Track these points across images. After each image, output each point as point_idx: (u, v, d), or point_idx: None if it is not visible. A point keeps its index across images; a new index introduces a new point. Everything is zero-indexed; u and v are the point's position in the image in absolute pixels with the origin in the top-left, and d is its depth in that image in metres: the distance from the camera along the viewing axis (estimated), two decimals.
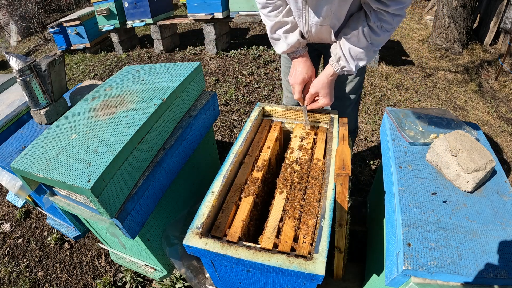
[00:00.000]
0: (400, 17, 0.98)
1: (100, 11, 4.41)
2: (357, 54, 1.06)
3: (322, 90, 1.15)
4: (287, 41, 1.17)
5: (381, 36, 1.02)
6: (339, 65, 1.09)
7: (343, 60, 1.08)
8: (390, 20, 0.97)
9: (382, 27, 1.00)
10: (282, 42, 1.18)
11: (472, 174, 0.89)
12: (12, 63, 1.33)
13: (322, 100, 1.17)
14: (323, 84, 1.14)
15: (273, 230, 0.84)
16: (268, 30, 1.19)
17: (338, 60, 1.09)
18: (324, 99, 1.17)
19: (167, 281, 1.54)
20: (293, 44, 1.16)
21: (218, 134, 2.78)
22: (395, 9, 0.93)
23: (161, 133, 1.17)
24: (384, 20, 0.98)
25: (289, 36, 1.16)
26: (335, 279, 1.28)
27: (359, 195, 2.06)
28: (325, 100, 1.16)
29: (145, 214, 1.10)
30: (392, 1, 0.91)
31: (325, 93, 1.15)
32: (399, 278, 0.76)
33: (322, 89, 1.15)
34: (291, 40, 1.16)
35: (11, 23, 7.06)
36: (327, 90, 1.14)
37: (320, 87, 1.14)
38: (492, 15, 3.85)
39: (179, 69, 1.38)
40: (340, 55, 1.08)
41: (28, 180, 1.05)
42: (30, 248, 2.01)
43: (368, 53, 1.06)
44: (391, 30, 1.02)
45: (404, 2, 0.92)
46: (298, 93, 1.18)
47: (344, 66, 1.09)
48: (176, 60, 4.32)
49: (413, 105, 3.01)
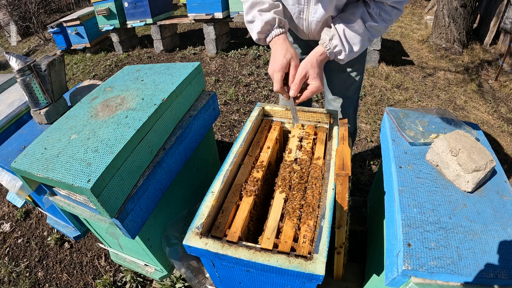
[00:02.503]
0: (398, 11, 0.97)
1: (100, 11, 4.41)
2: (351, 37, 1.00)
3: (311, 70, 0.99)
4: (262, 18, 1.04)
5: (379, 24, 0.99)
6: (331, 44, 1.00)
7: (337, 38, 0.99)
8: (390, 10, 0.97)
9: (380, 15, 0.98)
10: (256, 22, 1.05)
11: (472, 174, 0.89)
12: (12, 63, 1.33)
13: (312, 84, 1.00)
14: (313, 63, 0.99)
15: (273, 231, 0.84)
16: (244, 13, 1.09)
17: (331, 39, 1.00)
18: (314, 81, 1.00)
19: (167, 281, 1.54)
20: (268, 20, 1.03)
21: (218, 134, 2.78)
22: (393, 2, 0.94)
23: (161, 133, 1.17)
24: (383, 9, 0.97)
25: (263, 14, 1.04)
26: (335, 279, 1.28)
27: (359, 195, 2.06)
28: (315, 83, 1.00)
29: (145, 214, 1.10)
30: None
31: (315, 74, 0.99)
32: (399, 278, 0.76)
33: (311, 69, 0.99)
34: (265, 17, 1.04)
35: (11, 23, 7.05)
36: (317, 69, 0.99)
37: (310, 66, 0.99)
38: (492, 15, 3.85)
39: (179, 69, 1.38)
40: (334, 33, 1.00)
41: (28, 180, 1.05)
42: (30, 248, 2.01)
43: (363, 39, 1.01)
44: (388, 22, 1.00)
45: None
46: (277, 82, 1.00)
47: (336, 46, 1.00)
48: (176, 60, 4.32)
49: (413, 105, 3.01)
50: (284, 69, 1.00)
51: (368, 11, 0.98)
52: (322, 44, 1.01)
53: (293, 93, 1.00)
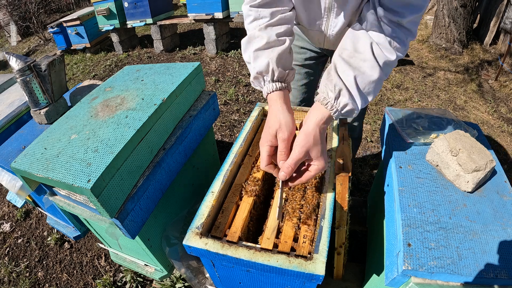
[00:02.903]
0: (412, 36, 0.75)
1: (100, 11, 4.41)
2: (365, 86, 0.73)
3: (314, 149, 0.72)
4: (254, 65, 0.81)
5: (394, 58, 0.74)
6: (338, 104, 0.73)
7: (346, 95, 0.73)
8: (403, 37, 0.73)
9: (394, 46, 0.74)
10: (250, 67, 0.84)
11: (472, 174, 0.89)
12: (12, 63, 1.33)
13: (315, 165, 0.73)
14: (315, 138, 0.72)
15: (273, 231, 0.84)
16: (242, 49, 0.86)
17: (338, 96, 0.73)
18: (317, 161, 0.73)
19: (167, 281, 1.54)
20: (260, 69, 0.79)
21: (218, 134, 2.78)
22: (411, 19, 0.71)
23: (161, 133, 1.17)
24: (396, 37, 0.73)
25: (257, 58, 0.80)
26: (335, 279, 1.28)
27: (359, 195, 2.06)
28: (319, 163, 0.73)
29: (145, 214, 1.10)
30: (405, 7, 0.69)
31: (319, 152, 0.72)
32: (399, 278, 0.76)
33: (314, 147, 0.71)
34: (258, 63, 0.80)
35: (11, 23, 7.05)
36: (321, 146, 0.73)
37: (312, 143, 0.71)
38: (492, 15, 3.85)
39: (179, 69, 1.38)
40: (341, 87, 0.73)
41: (28, 180, 1.05)
42: (30, 248, 2.01)
43: (379, 83, 0.75)
44: (403, 53, 0.76)
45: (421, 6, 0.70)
46: (263, 159, 0.76)
47: (346, 105, 0.73)
48: (176, 60, 4.32)
49: (413, 105, 3.01)
50: (271, 143, 0.76)
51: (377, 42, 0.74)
52: (325, 105, 0.74)
53: (283, 176, 0.73)
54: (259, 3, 0.81)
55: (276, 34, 0.81)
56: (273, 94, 0.80)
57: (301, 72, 1.37)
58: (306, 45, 1.28)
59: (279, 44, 0.82)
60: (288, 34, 0.85)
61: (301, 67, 1.35)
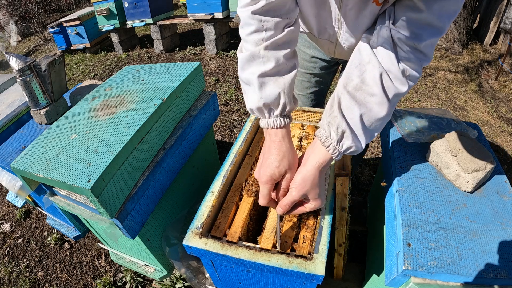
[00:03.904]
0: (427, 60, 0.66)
1: (100, 11, 4.41)
2: (372, 122, 0.67)
3: (312, 192, 0.70)
4: (260, 93, 0.69)
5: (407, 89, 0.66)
6: (340, 146, 0.68)
7: (349, 137, 0.67)
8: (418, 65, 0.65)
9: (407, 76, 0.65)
10: (250, 92, 0.71)
11: (472, 174, 0.89)
12: (12, 63, 1.33)
13: (311, 205, 0.73)
14: (314, 181, 0.69)
15: (272, 230, 0.84)
16: (239, 66, 0.73)
17: (341, 139, 0.68)
18: (314, 202, 0.72)
19: (167, 281, 1.54)
20: (268, 101, 0.69)
21: (218, 134, 2.78)
22: (427, 44, 0.63)
23: (161, 133, 1.17)
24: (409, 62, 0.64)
25: (265, 85, 0.69)
26: (335, 279, 1.28)
27: (359, 195, 2.06)
28: (316, 204, 0.73)
29: (145, 214, 1.10)
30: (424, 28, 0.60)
31: (316, 194, 0.71)
32: (399, 278, 0.76)
33: (312, 190, 0.70)
34: (266, 93, 0.69)
35: (11, 23, 7.05)
36: (318, 189, 0.71)
37: (310, 186, 0.69)
38: (492, 15, 3.85)
39: (179, 69, 1.38)
40: (344, 129, 0.67)
41: (28, 180, 1.05)
42: (30, 248, 2.01)
43: (387, 119, 0.68)
44: (415, 81, 0.67)
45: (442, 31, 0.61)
46: (263, 197, 0.73)
47: (350, 147, 0.68)
48: (176, 60, 4.32)
49: (413, 105, 3.01)
50: (275, 181, 0.72)
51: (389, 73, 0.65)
52: (327, 147, 0.69)
53: (281, 212, 0.73)
54: (263, 8, 0.66)
55: (284, 56, 0.69)
56: (280, 131, 0.72)
57: (311, 80, 1.32)
58: (317, 53, 1.21)
59: (289, 69, 0.71)
60: (296, 55, 0.75)
61: (311, 75, 1.31)
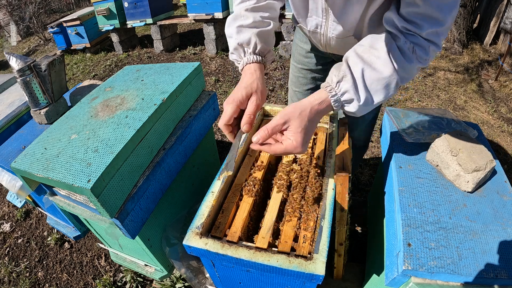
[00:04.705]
0: (436, 47, 0.69)
1: (100, 11, 4.41)
2: (373, 82, 0.70)
3: (295, 121, 0.67)
4: (236, 38, 0.83)
5: (413, 64, 0.70)
6: (338, 88, 0.71)
7: (349, 81, 0.70)
8: (426, 46, 0.68)
9: (414, 52, 0.69)
10: (231, 41, 0.85)
11: (472, 174, 0.89)
12: (12, 63, 1.33)
13: (288, 140, 0.68)
14: (302, 113, 0.68)
15: (268, 230, 0.84)
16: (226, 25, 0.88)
17: (340, 80, 0.70)
18: (292, 137, 0.67)
19: (167, 281, 1.54)
20: (242, 41, 0.82)
21: (218, 134, 2.78)
22: (429, 32, 0.67)
23: (161, 133, 1.17)
24: (417, 44, 0.68)
25: (241, 32, 0.83)
26: (335, 279, 1.28)
27: (359, 195, 2.06)
28: (293, 140, 0.67)
29: (145, 214, 1.10)
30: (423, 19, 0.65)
31: (298, 127, 0.67)
32: (399, 278, 0.76)
33: (296, 119, 0.67)
34: (241, 36, 0.82)
35: (11, 23, 7.06)
36: (305, 123, 0.68)
37: (296, 116, 0.68)
38: (492, 15, 3.85)
39: (179, 69, 1.38)
40: (345, 73, 0.70)
41: (28, 180, 1.05)
42: (30, 248, 2.01)
43: (389, 85, 0.70)
44: (424, 62, 0.71)
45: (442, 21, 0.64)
46: (223, 116, 0.74)
47: (346, 92, 0.70)
48: (176, 60, 4.32)
49: (413, 105, 3.01)
50: (239, 103, 0.74)
51: (398, 45, 0.69)
52: (325, 88, 0.72)
53: (256, 139, 0.70)
54: None
55: (261, 16, 0.85)
56: (253, 65, 0.81)
57: (307, 76, 1.33)
58: (313, 49, 1.25)
59: (264, 25, 0.85)
60: (273, 19, 0.88)
61: (308, 71, 1.31)
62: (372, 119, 1.33)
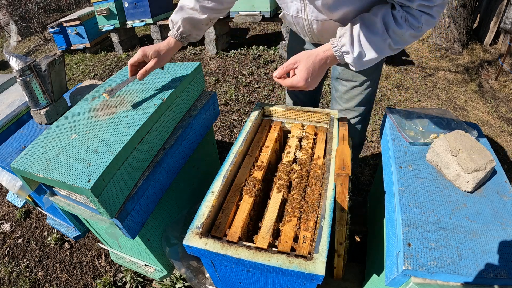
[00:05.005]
0: (429, 17, 0.80)
1: (100, 11, 4.41)
2: (366, 40, 0.84)
3: (304, 61, 0.87)
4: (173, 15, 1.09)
5: (403, 30, 0.83)
6: (340, 42, 0.87)
7: (347, 37, 0.85)
8: (418, 16, 0.80)
9: (406, 20, 0.81)
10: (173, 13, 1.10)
11: (472, 174, 0.89)
12: (12, 63, 1.33)
13: (296, 76, 0.89)
14: (310, 56, 0.87)
15: (268, 230, 0.84)
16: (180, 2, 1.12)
17: (342, 36, 0.87)
18: (299, 73, 0.88)
19: (167, 281, 1.54)
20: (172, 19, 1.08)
21: (218, 134, 2.78)
22: (419, 5, 0.78)
23: (161, 133, 1.17)
24: (410, 14, 0.81)
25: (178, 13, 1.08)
26: (335, 279, 1.28)
27: (359, 195, 2.06)
28: (299, 76, 0.88)
29: (145, 214, 1.10)
30: None
31: (306, 66, 0.87)
32: (399, 278, 0.76)
33: (305, 60, 0.87)
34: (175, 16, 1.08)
35: (11, 23, 7.05)
36: (311, 63, 0.87)
37: (305, 57, 0.88)
38: (492, 15, 3.85)
39: (179, 69, 1.38)
40: (346, 31, 0.86)
41: (28, 180, 1.05)
42: (30, 248, 2.01)
43: (380, 44, 0.85)
44: (416, 30, 0.83)
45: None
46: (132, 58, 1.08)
47: (344, 45, 0.86)
48: (176, 60, 4.32)
49: (413, 105, 3.01)
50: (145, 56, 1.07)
51: (393, 13, 0.83)
52: (331, 41, 0.89)
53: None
54: None
55: (200, 6, 1.07)
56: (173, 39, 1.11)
57: None
58: (306, 46, 1.30)
59: (197, 13, 1.08)
60: (210, 12, 1.10)
61: None
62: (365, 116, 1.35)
